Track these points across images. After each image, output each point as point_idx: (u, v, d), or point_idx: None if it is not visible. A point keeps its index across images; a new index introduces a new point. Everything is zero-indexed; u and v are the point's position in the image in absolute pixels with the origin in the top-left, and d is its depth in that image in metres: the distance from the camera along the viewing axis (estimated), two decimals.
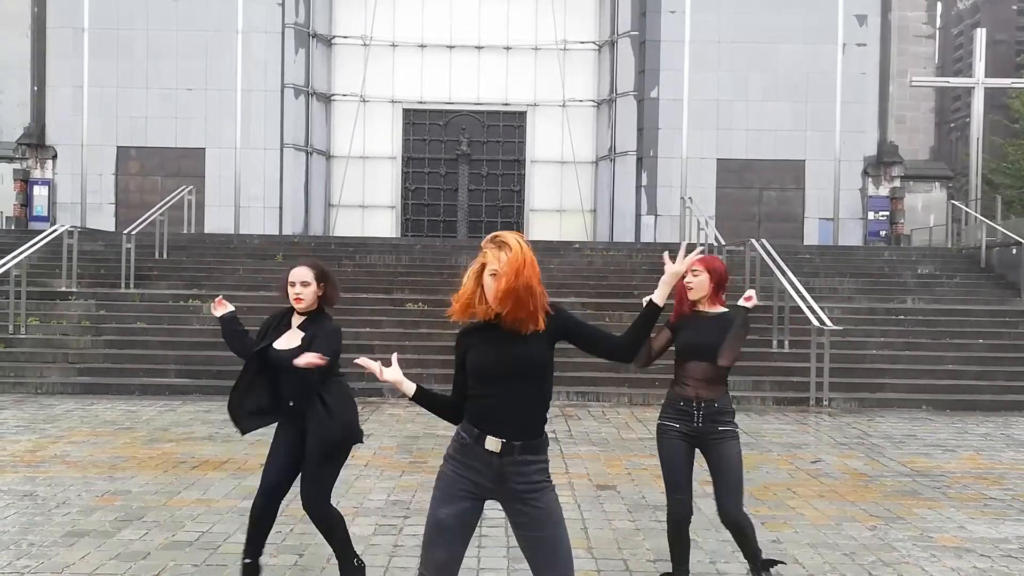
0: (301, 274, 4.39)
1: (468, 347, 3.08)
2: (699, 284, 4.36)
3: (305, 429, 4.32)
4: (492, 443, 2.99)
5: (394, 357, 3.19)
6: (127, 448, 7.97)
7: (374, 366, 3.10)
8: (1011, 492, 6.92)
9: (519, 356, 3.01)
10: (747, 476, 4.76)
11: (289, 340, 4.36)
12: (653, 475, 7.32)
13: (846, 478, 7.33)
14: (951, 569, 5.03)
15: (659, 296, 3.23)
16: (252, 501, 4.45)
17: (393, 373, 3.10)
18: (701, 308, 4.40)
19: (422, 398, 3.15)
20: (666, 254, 3.38)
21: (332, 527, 4.45)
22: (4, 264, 12.76)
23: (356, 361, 3.19)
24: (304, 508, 4.38)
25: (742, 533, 4.33)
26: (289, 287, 4.38)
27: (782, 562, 4.60)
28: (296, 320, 4.43)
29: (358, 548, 5.11)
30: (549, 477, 3.09)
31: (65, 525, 5.54)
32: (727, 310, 4.43)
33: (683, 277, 4.26)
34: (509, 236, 3.01)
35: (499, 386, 3.00)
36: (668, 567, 4.96)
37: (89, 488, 6.48)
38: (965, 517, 6.14)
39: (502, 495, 3.04)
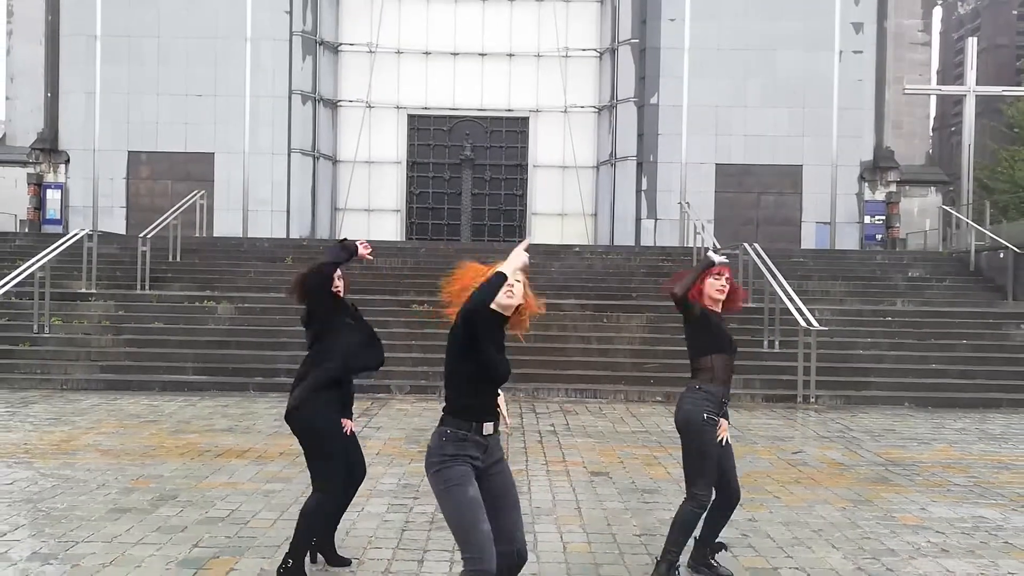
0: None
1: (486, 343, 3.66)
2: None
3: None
4: (488, 428, 3.64)
5: None
6: (154, 438, 8.55)
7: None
8: (975, 479, 7.47)
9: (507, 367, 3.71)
10: None
11: None
12: (644, 463, 7.89)
13: (823, 467, 7.88)
14: (907, 543, 5.58)
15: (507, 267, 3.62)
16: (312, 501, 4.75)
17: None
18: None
19: None
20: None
21: None
22: (29, 267, 13.35)
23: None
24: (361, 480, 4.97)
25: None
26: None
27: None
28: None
29: (371, 524, 5.72)
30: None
31: (108, 503, 6.11)
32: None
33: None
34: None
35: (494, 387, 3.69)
36: (654, 543, 5.50)
37: (124, 473, 7.06)
38: (928, 500, 6.70)
39: (483, 467, 3.64)
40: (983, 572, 5.06)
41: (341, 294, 4.95)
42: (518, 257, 3.57)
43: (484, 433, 3.60)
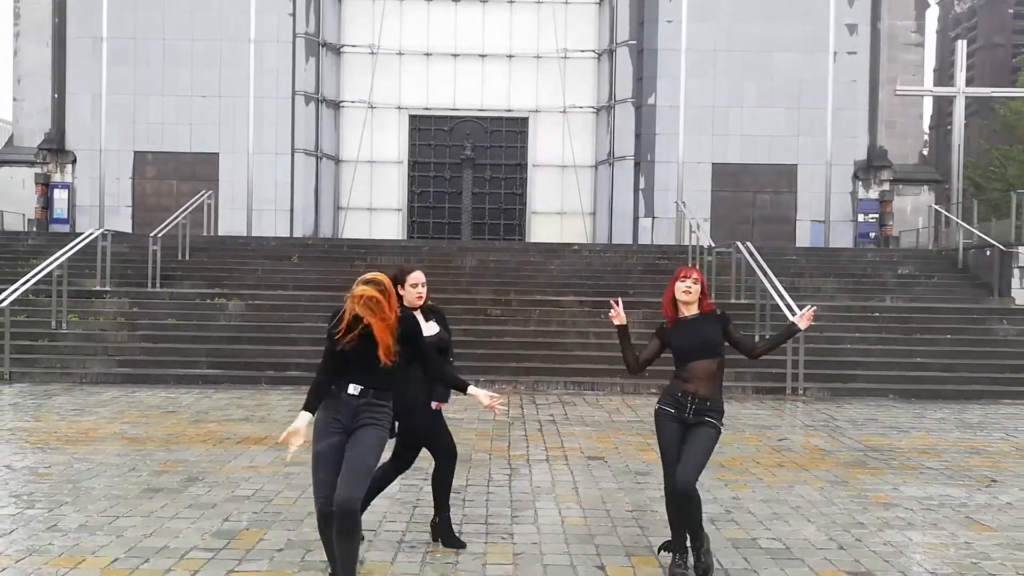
0: (422, 277, 5.20)
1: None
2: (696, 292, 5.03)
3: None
4: (353, 388, 4.18)
5: None
6: (175, 427, 9.05)
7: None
8: (946, 463, 7.98)
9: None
10: (717, 451, 5.46)
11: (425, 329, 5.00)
12: (638, 448, 8.40)
13: (806, 452, 8.39)
14: (877, 518, 6.09)
15: None
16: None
17: None
18: (689, 313, 5.04)
19: None
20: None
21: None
22: (47, 266, 13.84)
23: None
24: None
25: (689, 503, 4.71)
26: (411, 287, 5.09)
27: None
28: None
29: (385, 502, 6.21)
30: (382, 421, 4.24)
31: (141, 484, 6.62)
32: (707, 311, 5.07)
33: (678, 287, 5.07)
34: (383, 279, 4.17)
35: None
36: (644, 517, 6.04)
37: (151, 457, 7.56)
38: (900, 481, 7.21)
39: (349, 427, 4.15)
40: (943, 542, 5.56)
41: (422, 303, 5.16)
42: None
43: (348, 392, 4.14)
